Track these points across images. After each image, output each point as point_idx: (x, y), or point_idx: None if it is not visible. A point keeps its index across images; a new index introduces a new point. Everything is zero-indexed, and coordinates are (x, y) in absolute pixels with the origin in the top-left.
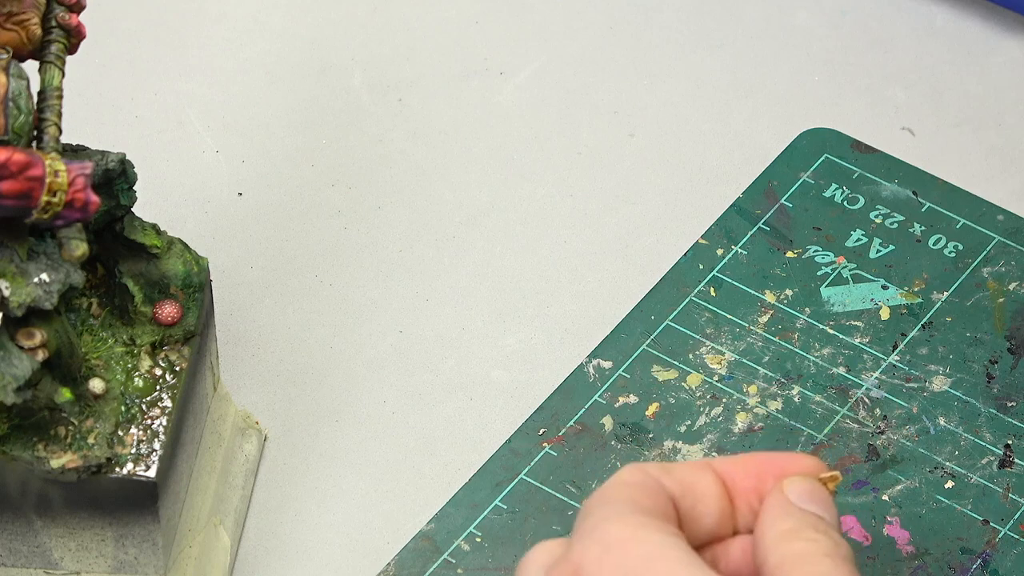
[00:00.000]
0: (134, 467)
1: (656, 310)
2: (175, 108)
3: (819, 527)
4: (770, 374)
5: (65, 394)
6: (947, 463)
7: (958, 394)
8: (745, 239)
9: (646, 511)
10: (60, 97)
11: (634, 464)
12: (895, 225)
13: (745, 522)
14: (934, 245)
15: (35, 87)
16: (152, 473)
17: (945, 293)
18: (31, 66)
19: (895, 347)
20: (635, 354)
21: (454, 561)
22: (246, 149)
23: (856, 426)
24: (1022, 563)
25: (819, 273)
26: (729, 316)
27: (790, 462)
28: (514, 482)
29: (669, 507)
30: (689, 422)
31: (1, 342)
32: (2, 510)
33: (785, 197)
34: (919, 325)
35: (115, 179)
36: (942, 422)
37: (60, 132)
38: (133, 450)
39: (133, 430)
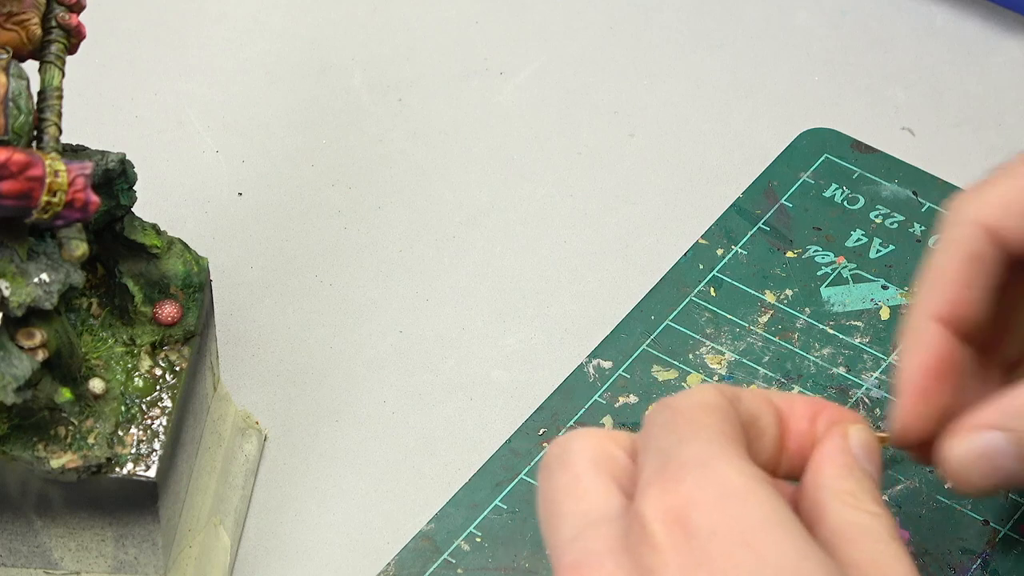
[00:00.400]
0: (134, 467)
1: (656, 310)
2: (175, 108)
3: (878, 499)
4: (770, 374)
5: (65, 394)
6: None
7: None
8: (745, 239)
9: (744, 451)
10: (60, 97)
11: (710, 384)
12: (895, 225)
13: (790, 464)
14: (934, 245)
15: (35, 87)
16: (152, 473)
17: None
18: (31, 66)
19: (895, 347)
20: (635, 354)
21: (454, 561)
22: (246, 149)
23: None
24: (1022, 563)
25: (819, 273)
26: (729, 316)
27: (844, 414)
28: (514, 482)
29: (744, 441)
30: None
31: (1, 342)
32: (2, 510)
33: (785, 197)
34: None
35: (115, 179)
36: None
37: (60, 132)
38: (133, 450)
39: (133, 430)
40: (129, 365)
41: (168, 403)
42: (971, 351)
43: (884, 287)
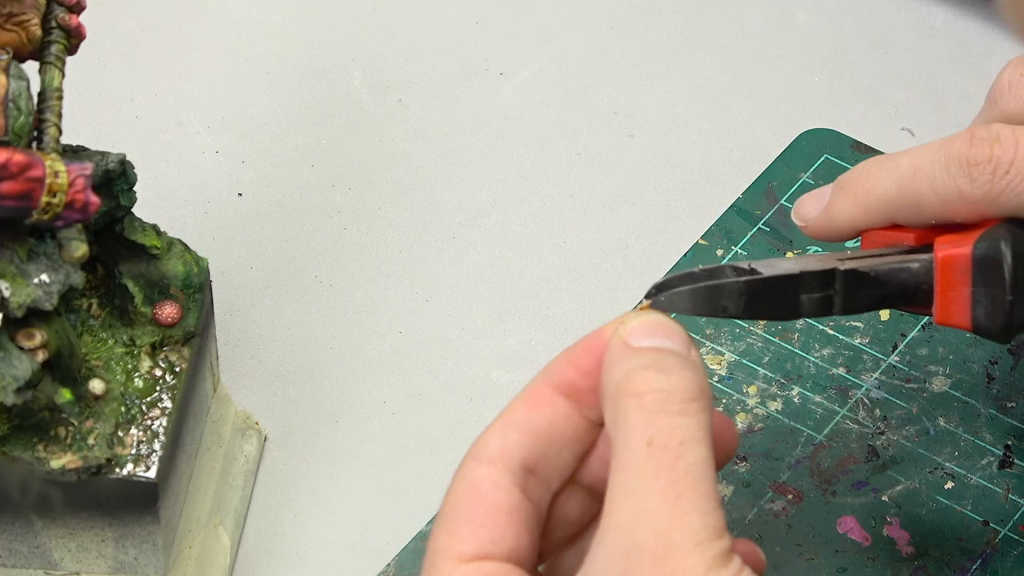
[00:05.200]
0: (134, 468)
1: None
2: (175, 108)
3: (659, 364)
4: (770, 374)
5: (65, 395)
6: (947, 464)
7: (958, 395)
8: (745, 239)
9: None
10: (60, 98)
11: (475, 458)
12: None
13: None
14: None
15: (35, 88)
16: (152, 474)
17: None
18: (31, 67)
19: (895, 348)
20: None
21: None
22: (246, 149)
23: (856, 427)
24: (1022, 564)
25: None
26: None
27: (609, 328)
28: None
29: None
30: None
31: (1, 343)
32: (2, 510)
33: (785, 198)
34: (919, 326)
35: (115, 180)
36: (942, 423)
37: (60, 133)
38: (133, 451)
39: (133, 431)
40: (129, 366)
41: (168, 404)
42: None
43: None
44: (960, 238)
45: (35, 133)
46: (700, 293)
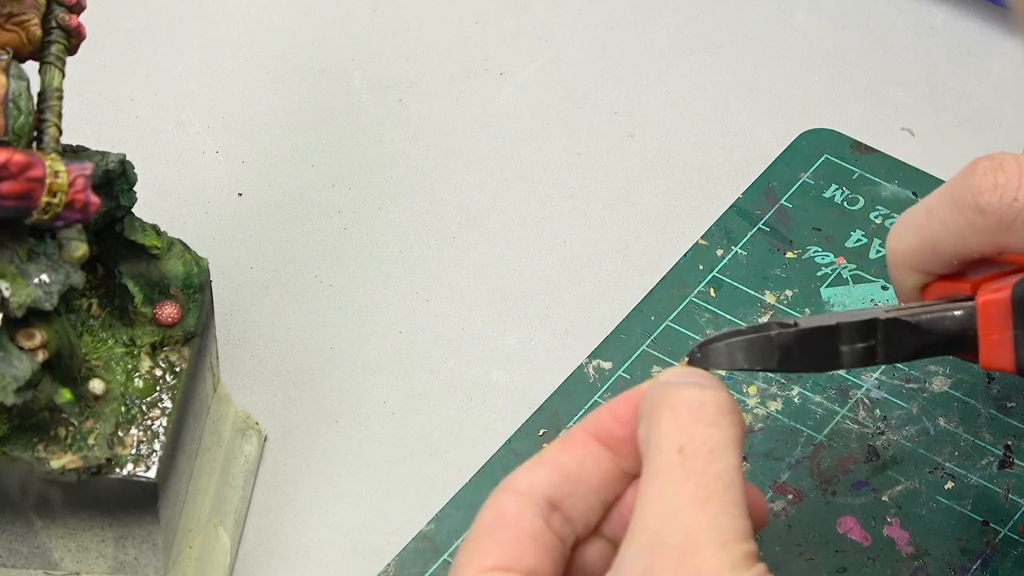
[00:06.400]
0: (134, 468)
1: (656, 311)
2: (175, 108)
3: (694, 386)
4: (770, 375)
5: (65, 395)
6: (947, 464)
7: (958, 395)
8: (745, 240)
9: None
10: (60, 98)
11: (508, 487)
12: None
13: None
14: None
15: (35, 88)
16: (152, 474)
17: None
18: (31, 67)
19: None
20: (635, 355)
21: (454, 562)
22: (246, 149)
23: (856, 427)
24: (1022, 564)
25: (819, 274)
26: (729, 317)
27: (647, 383)
28: None
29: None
30: None
31: (1, 343)
32: (2, 510)
33: (785, 198)
34: None
35: (115, 180)
36: (942, 423)
37: (60, 133)
38: (133, 451)
39: (133, 431)
40: (129, 366)
41: (168, 404)
42: None
43: (884, 288)
44: (1001, 283)
45: (35, 133)
46: (734, 347)
